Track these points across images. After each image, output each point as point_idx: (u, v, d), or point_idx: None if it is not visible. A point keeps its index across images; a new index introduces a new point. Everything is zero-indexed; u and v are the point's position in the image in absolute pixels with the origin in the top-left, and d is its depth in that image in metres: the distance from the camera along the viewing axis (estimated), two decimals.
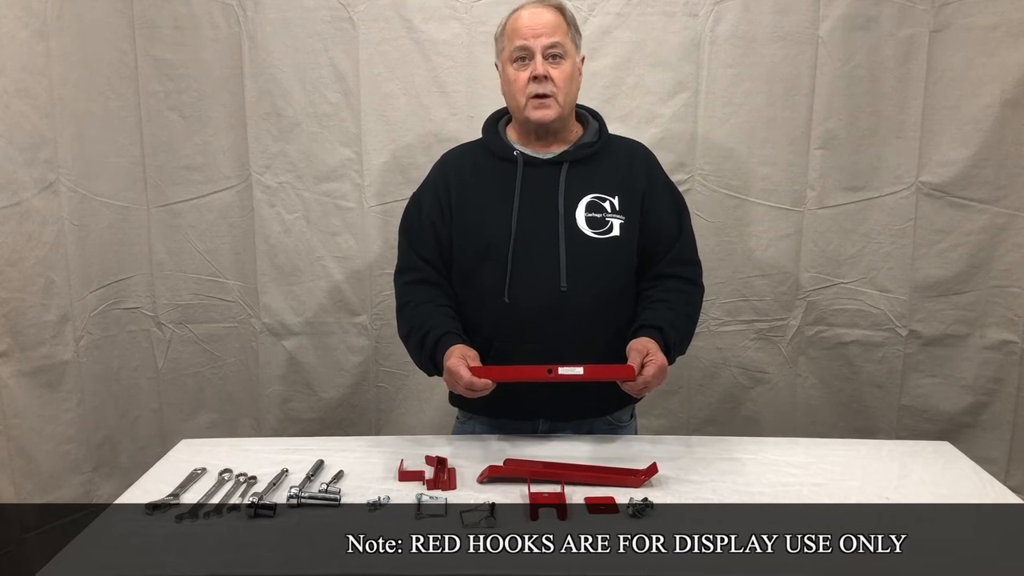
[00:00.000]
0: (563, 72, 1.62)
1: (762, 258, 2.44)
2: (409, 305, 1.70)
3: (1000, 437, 2.43)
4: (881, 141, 2.36)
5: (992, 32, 2.26)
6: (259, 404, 2.54)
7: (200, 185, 2.44)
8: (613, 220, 1.65)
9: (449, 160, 1.76)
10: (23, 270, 2.11)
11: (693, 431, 2.50)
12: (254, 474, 1.50)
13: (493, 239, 1.64)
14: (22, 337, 2.13)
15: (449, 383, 1.56)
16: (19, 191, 2.09)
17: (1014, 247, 2.36)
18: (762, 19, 2.31)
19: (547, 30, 1.60)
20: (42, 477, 2.20)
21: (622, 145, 1.75)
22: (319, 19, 2.32)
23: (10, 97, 2.04)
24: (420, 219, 1.72)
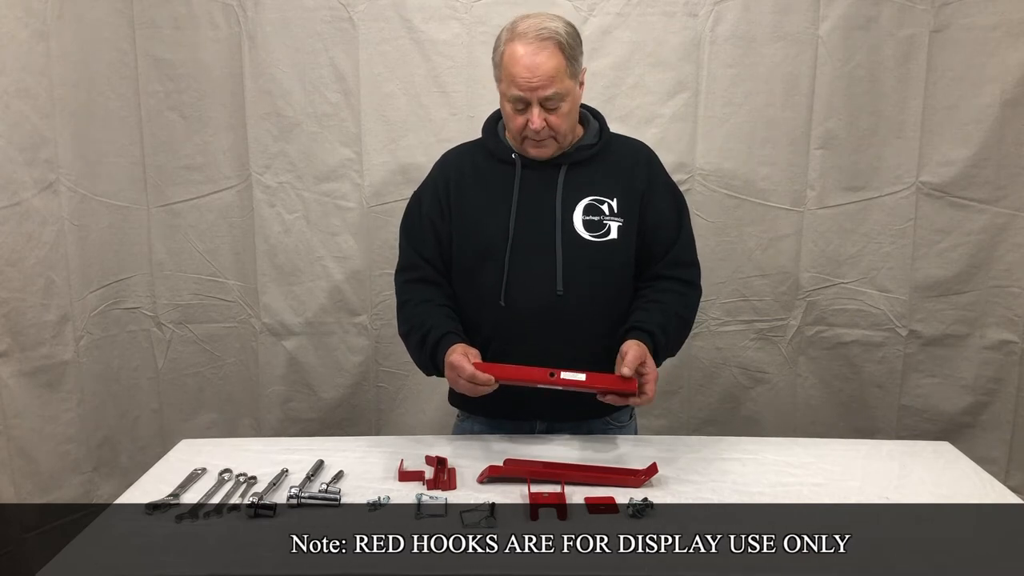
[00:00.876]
0: (561, 115, 1.57)
1: (762, 258, 2.44)
2: (409, 304, 1.70)
3: (1000, 437, 2.43)
4: (881, 141, 2.36)
5: (992, 32, 2.26)
6: (259, 404, 2.55)
7: (200, 185, 2.44)
8: (611, 223, 1.64)
9: (450, 160, 1.76)
10: (23, 270, 2.11)
11: (693, 431, 2.50)
12: (254, 474, 1.50)
13: (491, 241, 1.64)
14: (22, 337, 2.13)
15: (451, 379, 1.55)
16: (19, 191, 2.09)
17: (1014, 247, 2.36)
18: (762, 19, 2.31)
19: (544, 82, 1.52)
20: (42, 477, 2.20)
21: (623, 145, 1.74)
22: (319, 19, 2.32)
23: (10, 97, 2.04)
24: (420, 218, 1.72)
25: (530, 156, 1.64)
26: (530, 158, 1.65)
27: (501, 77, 1.58)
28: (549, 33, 1.53)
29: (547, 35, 1.52)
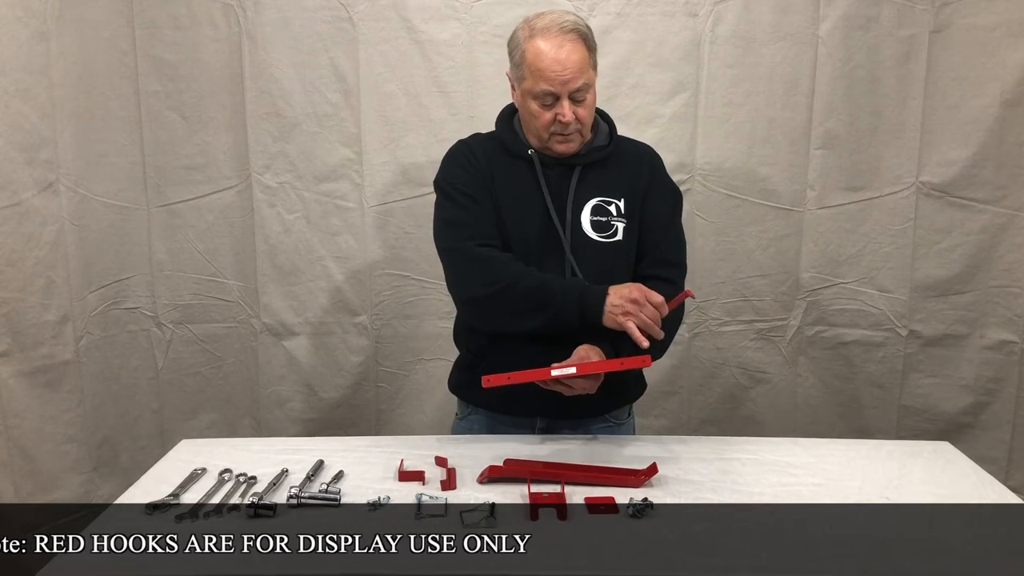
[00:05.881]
0: (588, 106, 1.58)
1: (762, 258, 2.44)
2: (495, 259, 1.58)
3: (1000, 437, 2.44)
4: (881, 141, 2.36)
5: (992, 32, 2.26)
6: (259, 404, 2.54)
7: (200, 185, 2.43)
8: (618, 224, 1.64)
9: (475, 143, 1.71)
10: (23, 270, 2.11)
11: (693, 431, 2.50)
12: (254, 474, 1.50)
13: (520, 236, 1.63)
14: (22, 337, 2.13)
15: (632, 310, 1.47)
16: (19, 191, 2.09)
17: (1014, 247, 2.36)
18: (762, 19, 2.31)
19: (574, 73, 1.52)
20: (42, 477, 2.20)
21: (631, 147, 1.74)
22: (319, 19, 2.32)
23: (10, 97, 2.05)
24: (463, 190, 1.62)
25: (556, 152, 1.62)
26: (551, 156, 1.64)
27: (525, 75, 1.57)
28: (571, 26, 1.55)
29: (569, 27, 1.55)
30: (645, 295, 1.48)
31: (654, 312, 1.48)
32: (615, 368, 1.51)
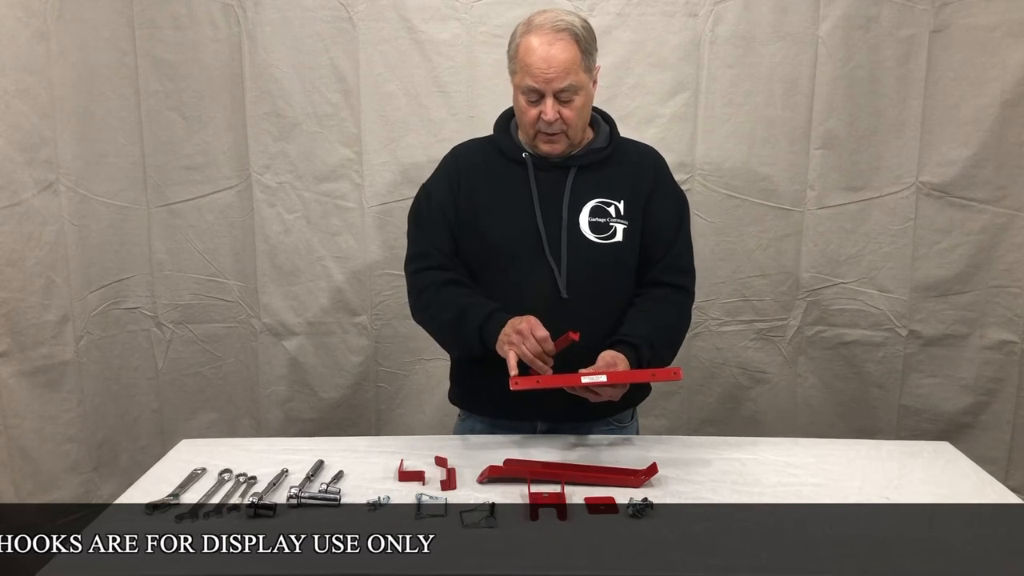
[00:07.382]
0: (574, 109, 1.58)
1: (762, 258, 2.44)
2: (431, 287, 1.65)
3: (1000, 437, 2.44)
4: (881, 141, 2.36)
5: (992, 32, 2.26)
6: (259, 404, 2.54)
7: (200, 185, 2.43)
8: (617, 225, 1.64)
9: (461, 153, 1.75)
10: (23, 270, 2.11)
11: (693, 431, 2.50)
12: (254, 474, 1.50)
13: (499, 240, 1.64)
14: (22, 337, 2.13)
15: (516, 342, 1.50)
16: (19, 191, 2.09)
17: (1014, 247, 2.36)
18: (762, 19, 2.31)
19: (559, 72, 1.52)
20: (42, 477, 2.20)
21: (632, 149, 1.74)
22: (319, 19, 2.32)
23: (10, 97, 2.05)
24: (431, 208, 1.69)
25: (541, 152, 1.63)
26: (542, 157, 1.65)
27: (516, 69, 1.59)
28: (565, 25, 1.55)
29: (563, 27, 1.54)
30: (531, 328, 1.49)
31: (535, 345, 1.48)
32: (645, 379, 1.51)
